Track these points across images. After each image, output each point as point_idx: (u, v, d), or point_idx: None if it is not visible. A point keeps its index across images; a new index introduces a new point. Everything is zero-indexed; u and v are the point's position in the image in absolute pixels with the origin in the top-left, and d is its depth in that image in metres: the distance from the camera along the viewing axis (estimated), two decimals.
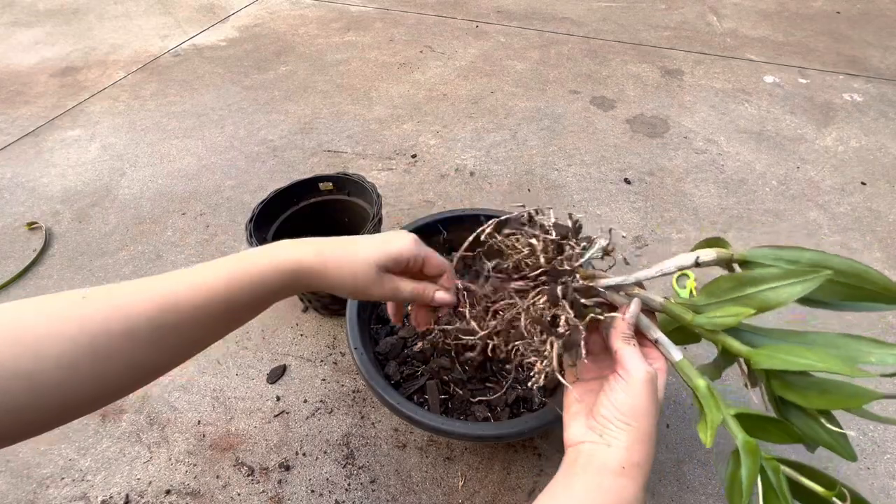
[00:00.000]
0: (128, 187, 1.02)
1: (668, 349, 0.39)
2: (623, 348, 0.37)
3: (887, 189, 0.97)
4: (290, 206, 0.78)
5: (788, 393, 0.34)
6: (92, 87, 1.33)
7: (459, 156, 1.07)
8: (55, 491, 0.60)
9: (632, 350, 0.37)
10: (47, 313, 0.30)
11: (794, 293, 0.34)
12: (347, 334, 0.57)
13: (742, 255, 0.38)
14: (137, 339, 0.31)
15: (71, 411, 0.31)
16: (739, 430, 0.33)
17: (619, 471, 0.33)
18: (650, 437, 0.35)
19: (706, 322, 0.37)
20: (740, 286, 0.36)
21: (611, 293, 0.41)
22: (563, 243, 0.41)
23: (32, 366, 0.28)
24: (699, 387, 0.36)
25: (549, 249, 0.41)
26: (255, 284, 0.36)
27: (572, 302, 0.39)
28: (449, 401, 0.59)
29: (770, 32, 1.50)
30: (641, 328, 0.41)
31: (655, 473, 0.60)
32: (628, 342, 0.38)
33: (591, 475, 0.34)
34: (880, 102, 1.20)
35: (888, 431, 0.63)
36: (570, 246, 0.41)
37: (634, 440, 0.34)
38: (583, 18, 1.60)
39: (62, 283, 0.84)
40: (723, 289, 0.37)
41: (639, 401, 0.35)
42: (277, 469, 0.61)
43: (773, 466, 0.32)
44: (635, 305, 0.39)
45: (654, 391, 0.36)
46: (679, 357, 0.39)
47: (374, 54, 1.44)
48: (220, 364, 0.72)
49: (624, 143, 1.09)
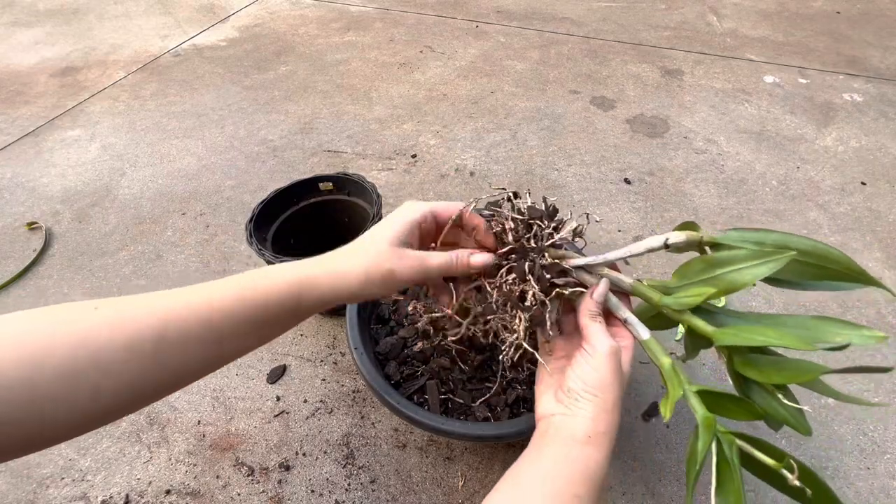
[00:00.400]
0: (128, 187, 1.02)
1: (637, 328, 0.41)
2: (589, 325, 0.39)
3: (887, 189, 0.97)
4: (290, 206, 0.78)
5: (748, 370, 0.35)
6: (92, 87, 1.33)
7: (459, 156, 1.07)
8: (55, 491, 0.60)
9: (597, 326, 0.39)
10: (53, 321, 0.30)
11: (759, 273, 0.35)
12: (347, 334, 0.57)
13: (712, 237, 0.40)
14: (140, 353, 0.31)
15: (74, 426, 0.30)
16: (700, 405, 0.35)
17: (585, 440, 0.35)
18: (615, 407, 0.37)
19: (672, 302, 0.39)
20: (710, 268, 0.38)
21: (582, 273, 0.43)
22: (532, 223, 0.42)
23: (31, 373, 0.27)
24: (664, 364, 0.38)
25: (518, 229, 0.42)
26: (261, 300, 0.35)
27: (539, 278, 0.40)
28: (449, 401, 0.59)
29: (770, 32, 1.50)
30: (611, 308, 0.42)
31: (655, 474, 0.60)
32: (594, 319, 0.39)
33: (559, 445, 0.35)
34: (880, 102, 1.20)
35: (888, 431, 0.63)
36: (539, 226, 0.42)
37: (600, 410, 0.36)
38: (583, 18, 1.60)
39: (62, 283, 0.84)
40: (693, 271, 0.39)
41: (603, 373, 0.36)
42: (277, 469, 0.61)
43: (728, 440, 0.34)
44: (603, 285, 0.41)
45: (618, 365, 0.37)
46: (647, 336, 0.40)
47: (374, 54, 1.44)
48: None
49: (624, 143, 1.09)
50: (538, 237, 0.42)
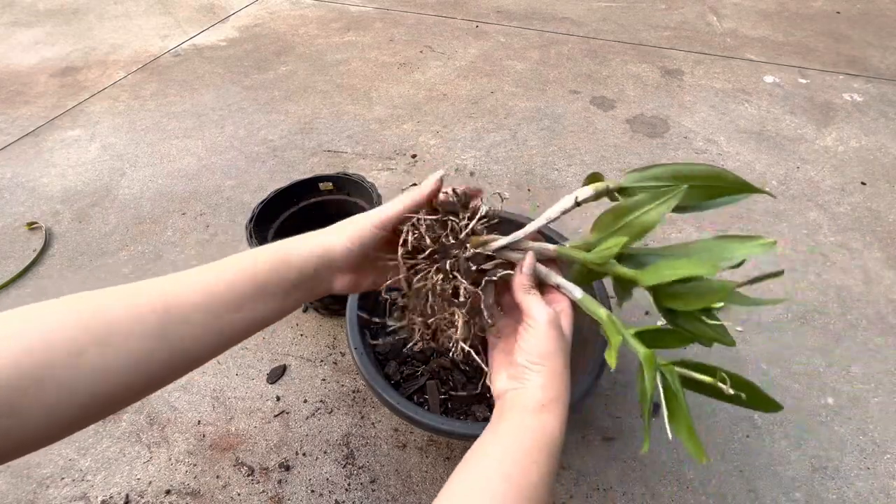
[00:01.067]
0: (128, 187, 1.02)
1: (570, 290, 0.42)
2: (525, 298, 0.40)
3: (887, 189, 0.97)
4: (290, 206, 0.78)
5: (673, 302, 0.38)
6: (92, 87, 1.33)
7: (459, 156, 1.07)
8: (55, 491, 0.60)
9: (532, 298, 0.40)
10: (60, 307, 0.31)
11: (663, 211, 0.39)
12: (347, 334, 0.57)
13: (617, 184, 0.43)
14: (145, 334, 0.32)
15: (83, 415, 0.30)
16: (639, 344, 0.37)
17: (538, 408, 0.36)
18: (563, 373, 0.38)
19: (594, 257, 0.41)
20: (620, 216, 0.40)
21: (507, 252, 0.43)
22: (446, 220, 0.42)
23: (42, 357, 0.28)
24: (601, 316, 0.40)
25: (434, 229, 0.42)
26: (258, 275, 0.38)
27: (465, 271, 0.41)
28: (449, 401, 0.59)
29: (770, 32, 1.50)
30: (542, 277, 0.43)
31: (655, 474, 0.60)
32: (528, 292, 0.40)
33: (515, 417, 0.36)
34: (880, 102, 1.20)
35: (888, 431, 0.63)
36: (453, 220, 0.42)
37: (549, 378, 0.37)
38: (583, 18, 1.60)
39: (62, 282, 0.84)
40: (606, 223, 0.41)
41: (546, 342, 0.38)
42: (277, 469, 0.61)
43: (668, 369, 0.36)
44: (529, 258, 0.42)
45: (560, 331, 0.39)
46: (580, 295, 0.42)
47: (374, 54, 1.44)
48: (220, 364, 0.72)
49: (624, 143, 1.09)
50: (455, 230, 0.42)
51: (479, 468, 0.34)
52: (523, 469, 0.34)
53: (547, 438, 0.35)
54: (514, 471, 0.33)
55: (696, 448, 0.34)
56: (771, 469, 0.60)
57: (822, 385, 0.68)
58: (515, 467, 0.34)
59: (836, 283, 0.81)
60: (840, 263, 0.83)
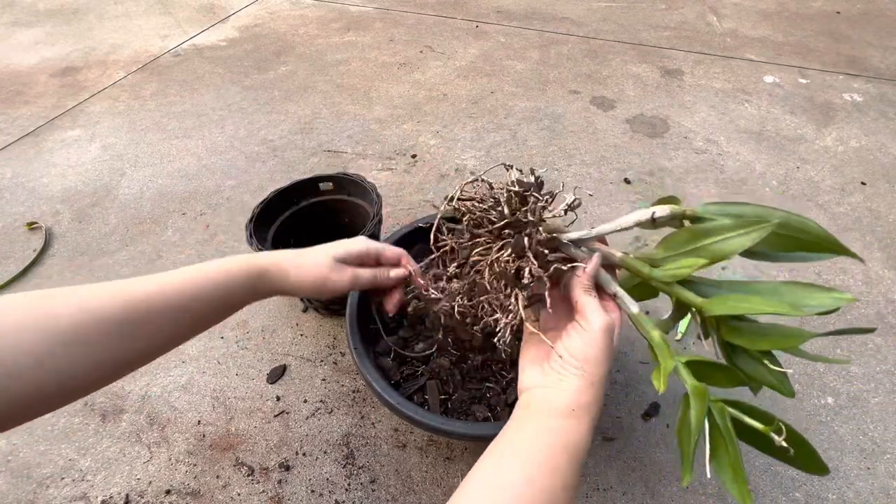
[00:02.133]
0: (128, 187, 1.02)
1: (626, 302, 0.41)
2: (584, 299, 0.39)
3: (887, 189, 0.97)
4: (290, 207, 0.78)
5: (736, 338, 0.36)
6: (92, 87, 1.33)
7: (459, 156, 1.07)
8: (55, 491, 0.60)
9: (592, 300, 0.39)
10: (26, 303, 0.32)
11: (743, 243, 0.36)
12: (347, 334, 0.57)
13: (694, 210, 0.40)
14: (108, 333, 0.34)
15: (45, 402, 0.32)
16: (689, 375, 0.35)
17: (568, 412, 0.35)
18: (600, 382, 0.36)
19: (662, 275, 0.39)
20: (694, 239, 0.38)
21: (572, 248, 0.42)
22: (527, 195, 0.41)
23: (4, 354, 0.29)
24: (654, 337, 0.38)
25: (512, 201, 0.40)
26: (219, 285, 0.41)
27: (536, 254, 0.39)
28: (449, 401, 0.59)
29: (770, 32, 1.50)
30: (601, 282, 0.42)
31: (655, 474, 0.60)
32: (589, 293, 0.39)
33: (542, 417, 0.35)
34: (880, 102, 1.20)
35: (888, 431, 0.63)
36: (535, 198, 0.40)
37: (587, 384, 0.36)
38: (583, 18, 1.60)
39: (62, 282, 0.84)
40: (679, 242, 0.39)
41: (593, 348, 0.36)
42: (277, 469, 0.61)
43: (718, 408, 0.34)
44: (597, 259, 0.41)
45: (611, 340, 0.37)
46: (636, 310, 0.40)
47: (374, 54, 1.44)
48: (220, 364, 0.72)
49: (624, 143, 1.09)
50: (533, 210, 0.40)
51: (501, 468, 0.34)
52: (547, 472, 0.33)
53: (571, 444, 0.34)
54: (537, 474, 0.33)
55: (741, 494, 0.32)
56: (771, 469, 0.60)
57: (822, 385, 0.68)
58: (536, 470, 0.33)
59: (836, 283, 0.81)
60: (840, 263, 0.83)
